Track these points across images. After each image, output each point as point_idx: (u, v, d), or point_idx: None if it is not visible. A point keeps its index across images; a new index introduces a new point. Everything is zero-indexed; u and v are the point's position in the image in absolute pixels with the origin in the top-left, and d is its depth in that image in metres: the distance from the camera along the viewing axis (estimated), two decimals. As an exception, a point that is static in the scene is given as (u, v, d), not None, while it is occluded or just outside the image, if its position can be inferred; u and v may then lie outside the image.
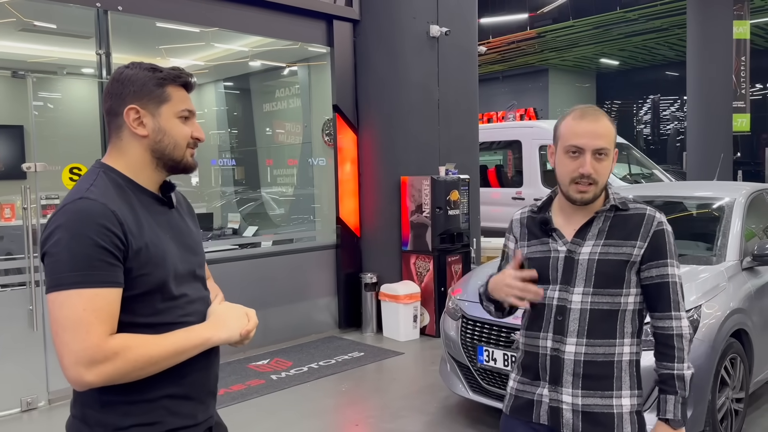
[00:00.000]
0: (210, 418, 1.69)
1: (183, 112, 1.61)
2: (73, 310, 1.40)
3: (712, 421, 3.64)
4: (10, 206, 7.04)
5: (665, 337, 1.92)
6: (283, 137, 9.05)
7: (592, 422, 1.89)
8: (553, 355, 1.92)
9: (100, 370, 1.41)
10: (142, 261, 1.50)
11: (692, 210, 5.11)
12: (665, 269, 1.92)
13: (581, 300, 1.90)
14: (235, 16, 6.14)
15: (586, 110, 1.95)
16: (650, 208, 1.96)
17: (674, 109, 22.91)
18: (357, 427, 4.48)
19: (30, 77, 4.90)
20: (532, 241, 2.03)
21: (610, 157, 1.92)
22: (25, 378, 4.76)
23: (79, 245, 1.42)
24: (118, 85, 1.58)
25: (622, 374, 1.90)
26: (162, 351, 1.48)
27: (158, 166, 1.62)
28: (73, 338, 1.40)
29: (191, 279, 1.64)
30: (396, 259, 6.86)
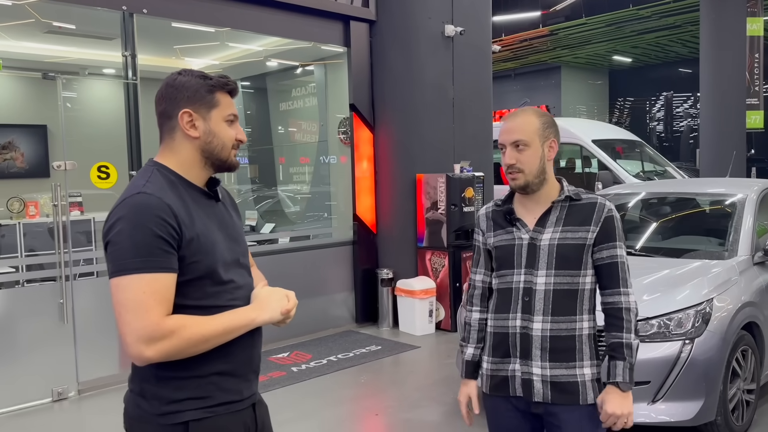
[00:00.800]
0: (254, 395, 1.84)
1: (229, 116, 1.77)
2: (135, 292, 1.56)
3: (723, 411, 3.74)
4: (35, 204, 7.23)
5: (615, 310, 2.13)
6: (299, 136, 9.19)
7: (559, 390, 2.11)
8: (522, 332, 2.14)
9: (159, 346, 1.57)
10: (194, 249, 1.65)
11: (704, 206, 5.20)
12: (615, 250, 2.14)
13: (545, 281, 2.12)
14: (255, 18, 6.29)
15: (513, 113, 2.23)
16: (600, 198, 2.19)
17: (687, 106, 22.83)
18: (377, 416, 4.62)
19: (60, 78, 5.06)
20: (498, 231, 2.25)
21: (533, 147, 2.15)
22: (56, 369, 4.93)
23: (140, 234, 1.57)
24: (173, 90, 1.73)
25: (583, 346, 2.13)
26: (212, 330, 1.64)
27: (206, 164, 1.77)
28: (135, 318, 1.55)
29: (237, 266, 1.79)
30: (412, 255, 6.99)
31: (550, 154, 2.18)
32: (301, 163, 9.07)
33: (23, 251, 6.65)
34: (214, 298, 1.70)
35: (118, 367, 5.26)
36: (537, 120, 2.17)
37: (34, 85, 8.07)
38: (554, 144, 2.19)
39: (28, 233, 6.89)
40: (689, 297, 3.80)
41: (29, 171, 8.17)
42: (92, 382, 5.10)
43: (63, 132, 5.08)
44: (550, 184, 2.19)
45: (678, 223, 5.20)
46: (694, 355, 3.61)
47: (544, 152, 2.16)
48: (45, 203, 7.12)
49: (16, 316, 4.78)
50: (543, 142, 2.16)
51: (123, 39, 5.45)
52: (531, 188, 2.16)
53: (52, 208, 5.01)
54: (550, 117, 2.23)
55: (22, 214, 7.04)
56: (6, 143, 8.01)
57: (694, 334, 3.65)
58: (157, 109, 1.76)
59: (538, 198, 2.18)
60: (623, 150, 10.74)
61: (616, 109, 24.33)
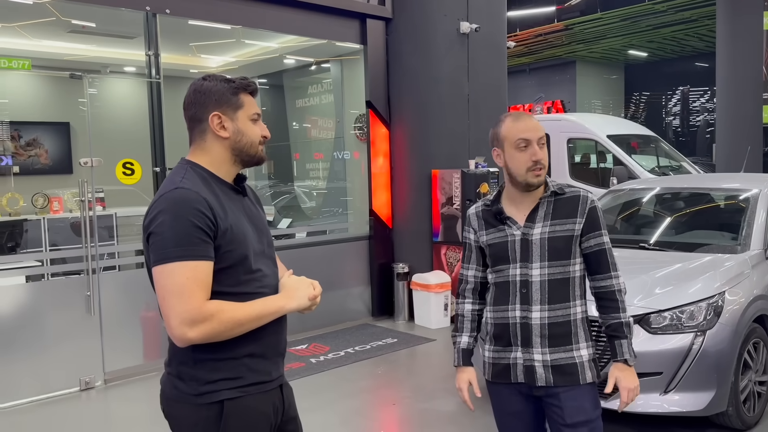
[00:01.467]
0: (281, 377, 1.98)
1: (254, 115, 1.92)
2: (178, 279, 1.69)
3: (735, 402, 3.81)
4: (58, 199, 7.42)
5: (609, 293, 2.31)
6: (315, 132, 9.31)
7: (560, 373, 2.25)
8: (522, 322, 2.27)
9: (200, 328, 1.70)
10: (228, 239, 1.79)
11: (718, 201, 5.25)
12: (601, 238, 2.30)
13: (540, 273, 2.26)
14: (274, 17, 6.41)
15: (518, 114, 2.35)
16: (583, 190, 2.33)
17: (704, 101, 22.66)
18: (394, 406, 4.74)
19: (86, 78, 5.21)
20: (490, 230, 2.37)
21: (545, 147, 2.32)
22: (83, 359, 5.10)
23: (181, 226, 1.71)
24: (201, 96, 1.86)
25: (578, 330, 2.28)
26: (247, 315, 1.78)
27: (236, 161, 1.92)
28: (179, 302, 1.69)
29: (264, 256, 1.94)
30: (427, 249, 7.09)
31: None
32: (317, 159, 9.19)
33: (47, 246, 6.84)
34: (245, 285, 1.83)
35: (143, 358, 5.42)
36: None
37: (57, 84, 8.26)
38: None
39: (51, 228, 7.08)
40: (701, 290, 3.87)
41: (53, 167, 8.37)
42: (118, 372, 5.26)
43: (90, 129, 5.22)
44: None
45: (691, 217, 5.25)
46: (706, 347, 3.68)
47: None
48: (68, 199, 7.31)
49: (44, 308, 4.94)
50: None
51: (146, 38, 5.59)
52: (540, 185, 2.29)
53: (77, 204, 5.16)
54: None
55: (47, 209, 7.23)
56: (30, 140, 8.21)
57: (706, 326, 3.72)
58: (187, 114, 1.90)
59: (532, 195, 2.30)
60: (638, 145, 10.74)
61: (631, 104, 24.19)
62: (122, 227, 6.93)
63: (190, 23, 6.09)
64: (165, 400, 1.88)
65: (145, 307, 5.44)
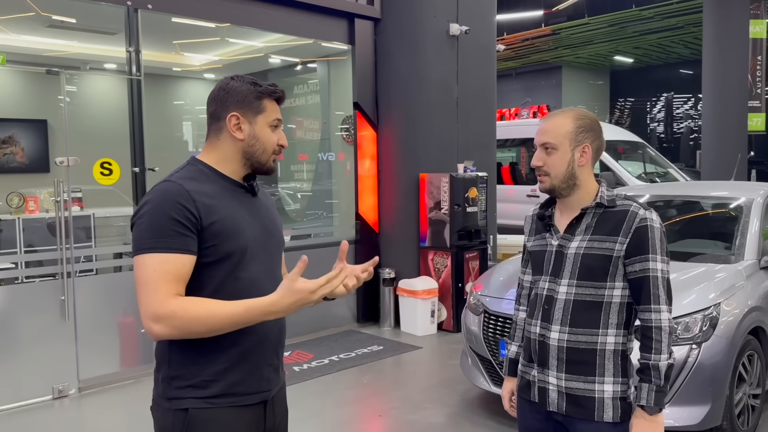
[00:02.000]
0: (266, 392, 1.82)
1: (274, 121, 1.86)
2: (147, 270, 1.64)
3: (729, 415, 3.73)
4: (34, 199, 7.19)
5: (645, 328, 2.02)
6: (300, 133, 9.15)
7: (574, 403, 2.06)
8: (540, 340, 2.12)
9: (162, 324, 1.62)
10: (213, 233, 1.71)
11: (711, 210, 5.18)
12: (647, 264, 2.01)
13: (566, 291, 2.07)
14: (259, 15, 6.25)
15: (552, 112, 2.18)
16: (636, 204, 2.05)
17: (688, 107, 22.83)
18: (380, 417, 4.60)
19: (63, 74, 5.02)
20: (536, 236, 2.23)
21: (561, 151, 2.08)
22: (57, 366, 4.90)
23: (158, 217, 1.67)
24: (224, 94, 1.82)
25: (605, 362, 2.04)
26: (215, 315, 1.64)
27: (245, 164, 1.85)
28: (144, 294, 1.64)
29: (263, 257, 1.82)
30: (414, 254, 6.97)
31: (582, 160, 2.09)
32: (301, 160, 9.04)
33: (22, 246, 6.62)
34: (230, 284, 1.73)
35: (119, 365, 5.23)
36: (571, 123, 2.10)
37: (34, 80, 8.03)
38: (587, 149, 2.09)
39: (27, 228, 6.86)
40: (696, 301, 3.79)
41: (29, 166, 8.13)
42: (93, 379, 5.07)
43: (66, 128, 5.04)
44: (583, 189, 2.11)
45: (684, 226, 5.17)
46: (702, 360, 3.60)
47: (574, 157, 2.08)
48: (44, 198, 7.09)
49: (16, 312, 4.74)
50: (574, 146, 2.08)
51: (127, 34, 5.42)
52: (558, 193, 2.12)
53: (53, 204, 4.97)
54: (589, 121, 2.13)
55: (22, 209, 7.00)
56: (6, 138, 7.96)
57: (702, 338, 3.63)
58: (208, 110, 1.85)
59: (571, 203, 2.12)
60: (625, 151, 10.73)
61: (616, 110, 24.33)
62: (101, 228, 6.73)
63: (173, 20, 5.92)
64: (152, 401, 1.82)
65: (123, 312, 5.25)
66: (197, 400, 1.70)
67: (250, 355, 1.76)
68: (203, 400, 1.70)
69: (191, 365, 1.71)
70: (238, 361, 1.74)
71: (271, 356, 1.83)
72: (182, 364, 1.72)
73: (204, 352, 1.71)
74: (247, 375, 1.76)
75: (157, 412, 1.76)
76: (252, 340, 1.75)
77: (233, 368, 1.73)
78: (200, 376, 1.71)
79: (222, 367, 1.72)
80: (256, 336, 1.76)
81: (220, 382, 1.72)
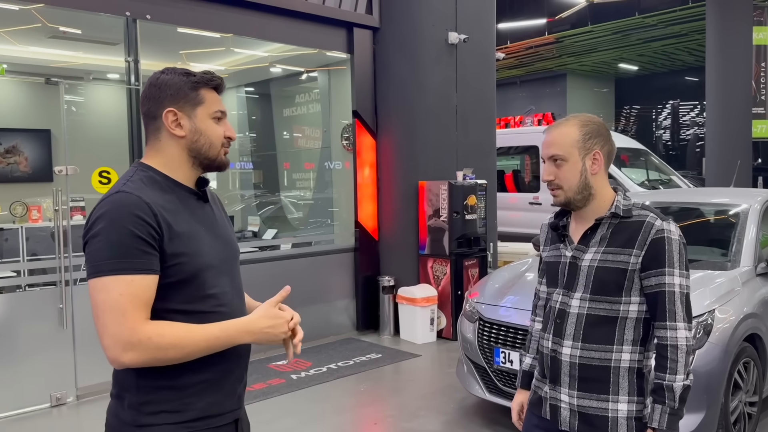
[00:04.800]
0: (236, 410, 1.75)
1: (216, 113, 1.72)
2: (111, 295, 1.51)
3: (725, 423, 3.69)
4: (37, 208, 7.25)
5: (661, 347, 1.92)
6: (302, 142, 9.20)
7: (587, 423, 1.97)
8: (552, 355, 2.04)
9: (135, 352, 1.51)
10: (177, 250, 1.59)
11: (708, 216, 5.16)
12: (663, 278, 1.90)
13: (579, 305, 1.98)
14: (259, 25, 6.30)
15: (555, 122, 2.09)
16: (653, 215, 1.96)
17: (694, 115, 22.76)
18: (376, 425, 4.59)
19: (63, 84, 5.08)
20: (551, 246, 2.15)
21: (571, 162, 1.99)
22: (55, 374, 4.92)
23: (116, 234, 1.52)
24: (155, 90, 1.68)
25: (620, 380, 1.94)
26: (192, 341, 1.56)
27: (194, 164, 1.72)
28: (111, 321, 1.50)
29: (226, 271, 1.73)
30: (413, 262, 6.97)
31: (594, 168, 2.00)
32: (304, 169, 9.07)
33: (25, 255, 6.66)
34: (199, 302, 1.64)
35: (117, 373, 5.24)
36: (576, 131, 2.00)
37: (38, 90, 8.10)
38: (598, 156, 1.99)
39: (30, 237, 6.91)
40: (691, 308, 3.76)
41: (33, 175, 8.19)
42: (91, 387, 5.08)
43: (65, 137, 5.08)
44: (599, 199, 2.01)
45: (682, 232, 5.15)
46: (696, 367, 3.56)
47: (586, 166, 1.99)
48: (48, 207, 7.14)
49: (15, 320, 4.77)
50: (584, 155, 1.99)
51: (126, 44, 5.47)
52: (574, 205, 2.02)
53: (53, 213, 5.01)
54: (595, 126, 2.02)
55: (25, 218, 7.06)
56: (10, 147, 8.03)
57: (696, 345, 3.61)
58: (142, 110, 1.72)
59: (585, 214, 2.03)
60: (628, 158, 10.71)
61: (622, 117, 24.28)
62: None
63: (174, 30, 5.97)
64: (107, 428, 1.68)
65: (121, 320, 5.26)
66: (173, 426, 1.60)
67: (224, 375, 1.68)
68: (179, 426, 1.61)
69: (164, 390, 1.60)
70: (214, 382, 1.66)
71: (243, 373, 1.77)
72: (153, 389, 1.60)
73: (177, 375, 1.60)
74: (222, 396, 1.68)
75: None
76: (227, 359, 1.67)
77: (209, 390, 1.65)
78: (175, 400, 1.61)
79: (198, 389, 1.63)
80: (230, 354, 1.67)
81: (196, 405, 1.63)
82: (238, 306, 1.76)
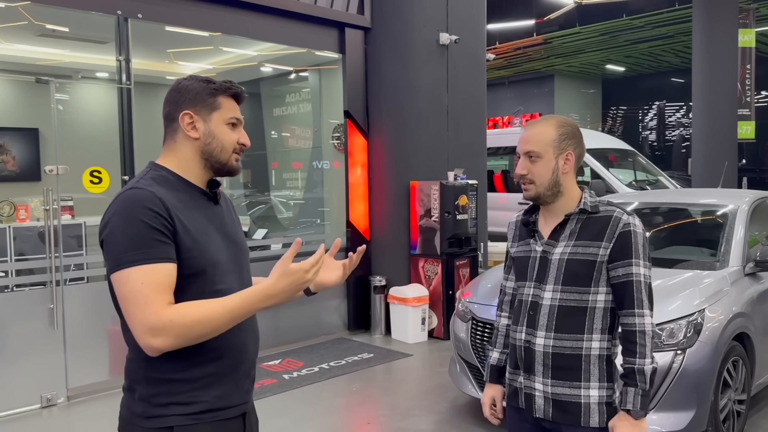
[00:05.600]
0: (245, 404, 1.80)
1: (231, 119, 1.80)
2: (134, 285, 1.57)
3: (714, 421, 3.75)
4: (25, 207, 7.19)
5: (628, 333, 2.03)
6: (293, 141, 9.19)
7: (560, 409, 2.07)
8: (526, 346, 2.13)
9: (162, 335, 1.56)
10: (187, 244, 1.65)
11: (697, 217, 5.23)
12: (630, 268, 2.02)
13: (551, 297, 2.08)
14: (250, 24, 6.28)
15: (533, 120, 2.20)
16: (619, 210, 2.08)
17: (680, 116, 22.98)
18: (369, 425, 4.60)
19: (53, 83, 5.04)
20: (520, 242, 2.26)
21: (545, 159, 2.10)
22: (45, 375, 4.89)
23: (133, 227, 1.59)
24: (176, 94, 1.78)
25: (591, 367, 2.05)
26: (216, 315, 1.60)
27: (206, 166, 1.79)
28: (138, 310, 1.57)
29: (234, 269, 1.79)
30: (405, 262, 6.99)
31: (565, 167, 2.11)
32: (294, 168, 9.06)
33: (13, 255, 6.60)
34: (206, 298, 1.66)
35: (108, 373, 5.22)
36: (553, 131, 2.11)
37: (26, 88, 8.03)
38: (570, 156, 2.11)
39: (18, 237, 6.84)
40: (681, 307, 3.81)
41: (20, 174, 8.11)
42: (82, 388, 5.06)
43: (56, 136, 5.05)
44: (567, 196, 2.13)
45: (670, 233, 5.22)
46: (686, 366, 3.62)
47: (558, 165, 2.10)
48: (36, 207, 7.09)
49: (5, 321, 4.74)
50: (558, 154, 2.10)
51: (117, 43, 5.44)
52: (543, 200, 2.13)
53: (43, 212, 4.97)
54: (570, 128, 2.15)
55: (13, 217, 6.99)
56: (-3, 146, 7.96)
57: (686, 344, 3.66)
58: (163, 113, 1.81)
59: (554, 210, 2.14)
60: (616, 159, 10.80)
61: (608, 118, 24.47)
62: (92, 236, 6.73)
63: (167, 29, 5.94)
64: (120, 420, 1.75)
65: (112, 321, 5.24)
66: (182, 417, 1.66)
67: (231, 369, 1.74)
68: (188, 417, 1.66)
69: (172, 382, 1.66)
70: (221, 376, 1.71)
71: (250, 368, 1.82)
72: (162, 381, 1.66)
73: (185, 368, 1.66)
74: (229, 389, 1.73)
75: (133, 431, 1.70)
76: (233, 353, 1.73)
77: (216, 383, 1.70)
78: (184, 392, 1.66)
79: (205, 382, 1.68)
80: (236, 349, 1.74)
81: (204, 398, 1.68)
82: None
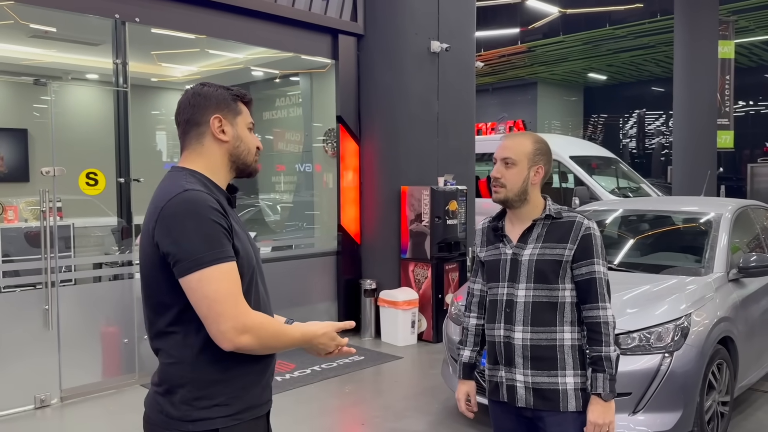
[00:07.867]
0: (269, 402, 1.88)
1: (250, 123, 1.89)
2: (222, 283, 1.60)
3: (700, 422, 3.88)
4: (13, 208, 7.15)
5: (594, 324, 2.26)
6: (282, 145, 9.23)
7: (541, 397, 2.26)
8: (505, 341, 2.31)
9: (249, 335, 1.63)
10: (237, 247, 1.71)
11: (682, 224, 5.38)
12: (593, 267, 2.27)
13: (525, 294, 2.28)
14: (246, 29, 6.34)
15: (513, 133, 2.40)
16: (580, 216, 2.32)
17: (659, 124, 23.38)
18: (363, 426, 4.68)
19: (51, 85, 5.05)
20: (489, 246, 2.45)
21: (519, 167, 2.32)
22: (39, 376, 4.89)
23: (206, 227, 1.63)
24: (201, 99, 1.81)
25: (565, 356, 2.26)
26: (286, 337, 1.76)
27: (231, 168, 1.86)
28: (229, 306, 1.61)
29: (261, 273, 1.87)
30: (395, 266, 7.07)
31: (535, 179, 2.34)
32: (284, 172, 9.10)
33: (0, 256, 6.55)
34: (248, 295, 1.73)
35: (102, 375, 5.23)
36: (531, 145, 2.34)
37: (14, 89, 8.00)
38: (540, 170, 2.34)
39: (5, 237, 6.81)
40: (668, 312, 3.94)
41: (8, 175, 8.07)
42: (75, 389, 5.07)
43: (53, 137, 5.05)
44: (532, 204, 2.34)
45: (656, 240, 5.36)
46: (674, 368, 3.75)
47: (529, 175, 2.32)
48: (23, 208, 7.05)
49: (-1, 322, 4.73)
50: (531, 165, 2.33)
51: (114, 46, 5.46)
52: (510, 204, 2.35)
53: (38, 213, 4.97)
54: (545, 145, 2.39)
55: (1, 218, 6.95)
56: (-15, 146, 7.91)
57: (674, 347, 3.79)
58: (182, 117, 1.82)
59: (521, 215, 2.35)
60: (598, 166, 10.99)
61: (590, 125, 24.81)
62: (80, 238, 6.71)
63: (153, 32, 5.97)
64: (150, 426, 1.74)
65: (105, 322, 5.26)
66: (226, 418, 1.69)
67: (265, 368, 1.81)
68: (231, 418, 1.70)
69: (216, 384, 1.69)
70: (258, 374, 1.77)
71: (273, 371, 1.90)
72: (207, 383, 1.68)
73: (228, 368, 1.70)
74: (261, 388, 1.79)
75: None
76: (268, 354, 1.80)
77: (253, 382, 1.76)
78: (224, 393, 1.70)
79: (245, 381, 1.73)
80: (268, 354, 1.81)
81: (243, 398, 1.73)
82: (269, 306, 1.88)
